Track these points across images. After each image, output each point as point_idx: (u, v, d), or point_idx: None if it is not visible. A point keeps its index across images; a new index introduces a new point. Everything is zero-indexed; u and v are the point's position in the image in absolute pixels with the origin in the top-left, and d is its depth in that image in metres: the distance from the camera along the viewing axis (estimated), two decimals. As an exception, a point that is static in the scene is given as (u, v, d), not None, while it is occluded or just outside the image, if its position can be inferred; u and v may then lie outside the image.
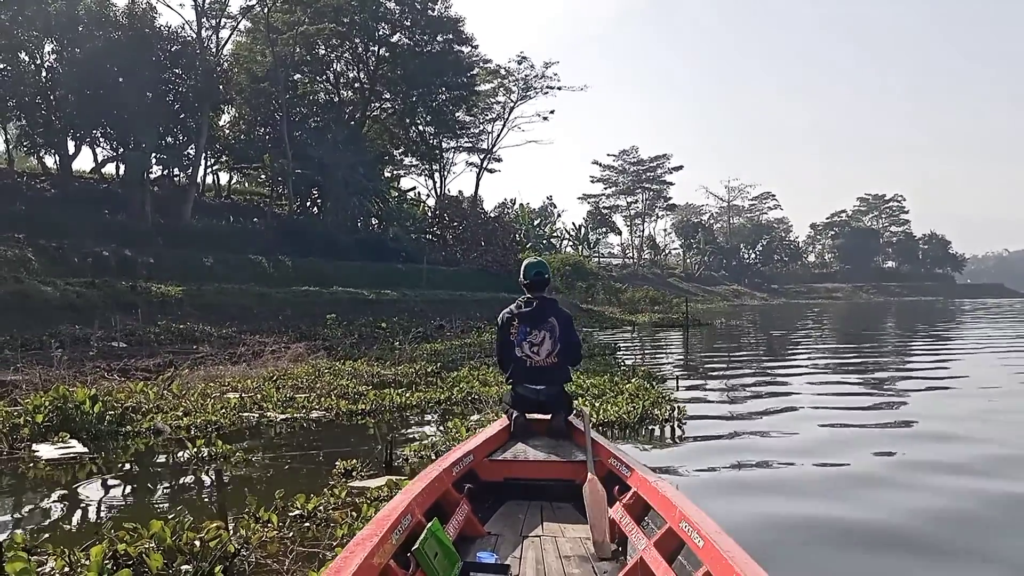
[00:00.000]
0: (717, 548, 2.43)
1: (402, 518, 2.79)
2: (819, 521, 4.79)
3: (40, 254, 21.96)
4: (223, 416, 7.91)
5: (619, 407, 8.06)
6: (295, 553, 4.01)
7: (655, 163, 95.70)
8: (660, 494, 3.15)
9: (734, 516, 4.58)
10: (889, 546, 4.36)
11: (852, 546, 4.38)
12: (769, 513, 4.95)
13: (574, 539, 3.42)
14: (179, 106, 32.67)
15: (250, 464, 6.34)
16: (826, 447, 6.99)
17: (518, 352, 4.39)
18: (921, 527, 4.68)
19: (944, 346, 20.16)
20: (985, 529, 4.70)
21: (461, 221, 47.92)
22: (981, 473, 6.02)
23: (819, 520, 4.81)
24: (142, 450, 6.89)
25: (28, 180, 32.24)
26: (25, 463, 6.25)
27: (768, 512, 4.97)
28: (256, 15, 38.42)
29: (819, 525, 4.72)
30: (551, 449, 4.09)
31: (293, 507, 4.66)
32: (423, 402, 9.31)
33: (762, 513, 4.92)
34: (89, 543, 3.82)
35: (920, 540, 4.47)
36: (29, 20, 27.99)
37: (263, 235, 35.13)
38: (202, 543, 3.80)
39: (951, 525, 4.75)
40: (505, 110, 55.16)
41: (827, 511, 5.00)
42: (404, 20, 43.87)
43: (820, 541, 4.45)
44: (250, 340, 15.77)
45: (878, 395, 10.66)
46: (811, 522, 4.77)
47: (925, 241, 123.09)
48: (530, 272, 4.49)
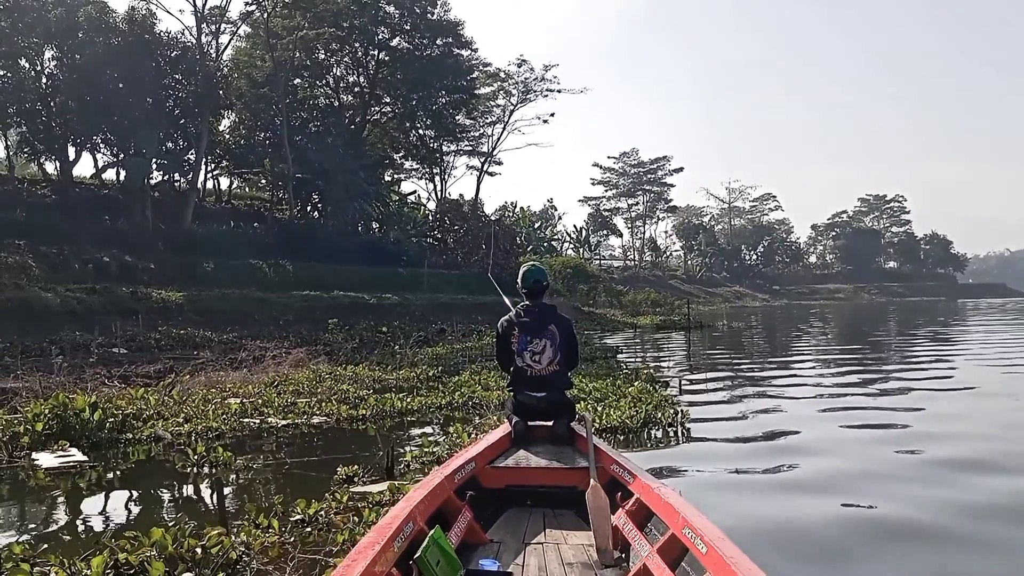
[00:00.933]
0: (720, 555, 2.40)
1: (404, 526, 2.77)
2: (819, 522, 4.76)
3: (41, 261, 21.96)
4: (224, 422, 7.88)
5: (622, 411, 8.03)
6: (296, 559, 3.98)
7: (656, 165, 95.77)
8: (663, 500, 3.13)
9: (738, 520, 4.56)
10: (902, 543, 4.33)
11: (859, 546, 4.35)
12: (770, 515, 4.92)
13: (577, 546, 3.40)
14: (179, 112, 32.71)
15: (251, 470, 6.32)
16: (827, 449, 6.96)
17: (519, 362, 4.34)
18: (937, 523, 4.67)
19: (946, 346, 20.12)
20: (994, 523, 4.68)
21: (462, 224, 47.92)
22: (992, 470, 6.05)
23: (819, 521, 4.78)
24: (143, 458, 6.87)
25: (28, 187, 32.27)
26: (25, 472, 6.23)
27: (769, 514, 4.94)
28: (256, 20, 38.45)
29: (819, 526, 4.69)
30: (553, 456, 4.07)
31: (294, 512, 4.64)
32: (424, 407, 9.28)
33: (764, 515, 4.90)
34: (90, 552, 3.80)
35: (937, 535, 4.44)
36: (29, 27, 28.03)
37: (264, 240, 35.14)
38: (204, 550, 3.78)
39: (966, 521, 4.74)
40: (505, 113, 55.19)
41: (827, 513, 4.97)
42: (403, 24, 43.90)
43: (822, 542, 4.43)
44: (251, 345, 15.75)
45: (882, 395, 10.62)
46: (811, 523, 4.75)
47: (927, 241, 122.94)
48: (528, 279, 4.42)
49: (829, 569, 4.14)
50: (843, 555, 4.29)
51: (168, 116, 31.84)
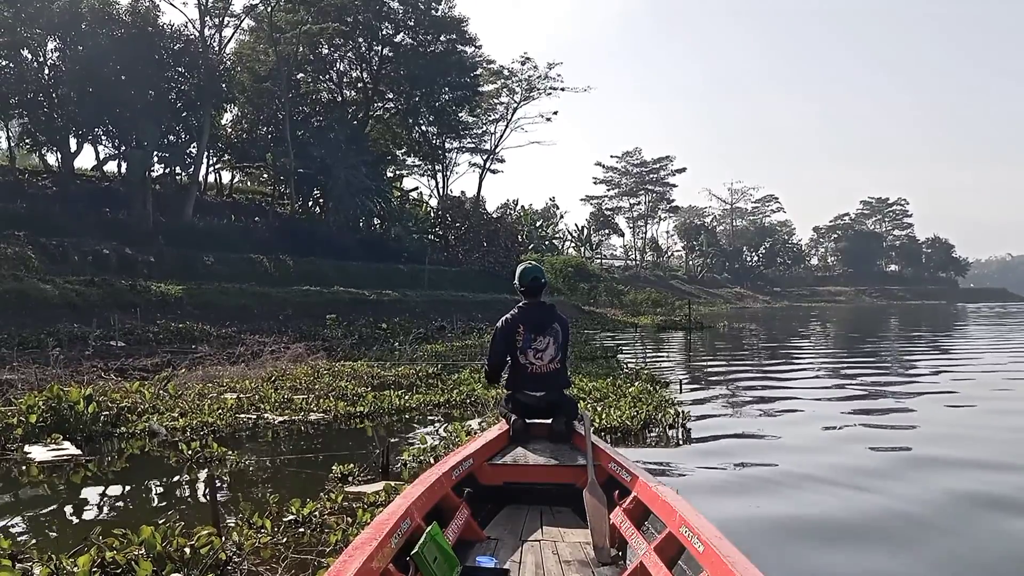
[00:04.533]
0: (717, 553, 2.41)
1: (401, 522, 2.77)
2: (819, 524, 4.73)
3: (40, 252, 21.92)
4: (219, 418, 7.80)
5: (622, 411, 7.95)
6: (288, 560, 3.91)
7: (658, 165, 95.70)
8: (660, 499, 3.14)
9: (736, 521, 4.51)
10: (898, 546, 4.26)
11: (858, 549, 4.28)
12: (771, 516, 4.88)
13: (574, 544, 3.41)
14: (181, 104, 32.67)
15: (245, 467, 6.24)
16: (829, 450, 6.90)
17: (521, 359, 4.31)
18: (935, 526, 4.61)
19: (947, 349, 20.04)
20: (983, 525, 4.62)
21: (463, 222, 47.89)
22: (986, 469, 6.06)
23: (819, 522, 4.76)
24: (137, 452, 6.79)
25: (29, 178, 32.25)
26: (17, 465, 6.15)
27: (770, 515, 4.91)
28: (259, 14, 38.40)
29: (820, 527, 4.66)
30: (551, 453, 4.06)
31: (288, 512, 4.56)
32: (423, 404, 9.21)
33: (765, 517, 4.86)
34: (77, 550, 3.72)
35: (933, 539, 4.37)
36: (32, 17, 27.98)
37: (264, 234, 35.10)
38: (193, 550, 3.70)
39: (961, 525, 4.69)
40: (508, 111, 55.11)
41: (828, 513, 4.93)
42: (408, 20, 43.84)
43: (822, 544, 4.37)
44: (249, 340, 15.68)
45: (882, 397, 10.55)
46: (812, 525, 4.72)
47: (928, 245, 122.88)
48: (526, 277, 4.40)
49: (829, 569, 4.09)
50: (843, 554, 4.23)
51: (170, 109, 31.79)
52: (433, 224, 48.39)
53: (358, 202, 40.30)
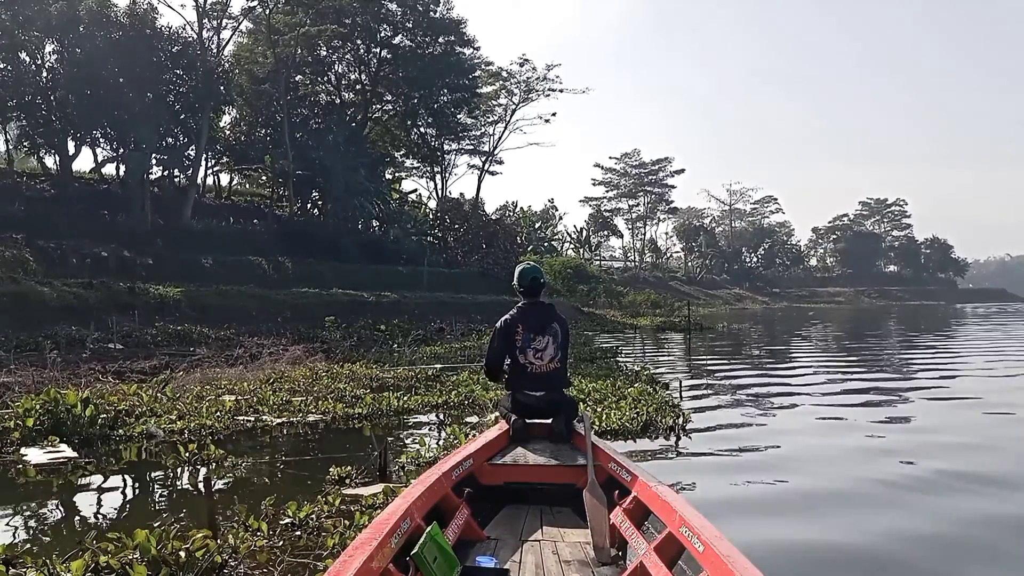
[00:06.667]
0: (717, 553, 2.41)
1: (401, 522, 2.77)
2: (820, 524, 4.71)
3: (38, 255, 21.88)
4: (217, 420, 7.77)
5: (622, 413, 7.92)
6: (284, 564, 3.88)
7: (657, 166, 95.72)
8: (660, 499, 3.13)
9: (736, 522, 4.49)
10: (901, 542, 4.23)
11: (855, 555, 4.26)
12: (772, 516, 4.87)
13: (574, 544, 3.40)
14: (180, 107, 32.63)
15: (243, 470, 6.21)
16: (830, 451, 6.89)
17: (521, 359, 4.29)
18: (937, 537, 4.57)
19: (947, 351, 20.02)
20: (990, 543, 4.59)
21: (462, 223, 47.87)
22: (988, 482, 5.92)
23: (820, 522, 4.74)
24: (134, 455, 6.75)
25: (28, 180, 32.22)
26: (14, 468, 6.11)
27: (771, 515, 4.89)
28: (257, 16, 38.37)
29: (820, 528, 4.63)
30: (551, 453, 4.05)
31: (284, 515, 4.53)
32: (421, 406, 9.17)
33: (765, 516, 4.85)
34: (71, 554, 3.68)
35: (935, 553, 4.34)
36: (30, 20, 27.94)
37: (263, 237, 35.06)
38: (188, 553, 3.66)
39: (965, 537, 4.64)
40: (507, 112, 55.13)
41: (828, 515, 4.92)
42: (406, 22, 43.83)
43: (822, 545, 4.35)
44: (248, 342, 15.65)
45: (882, 399, 10.52)
46: (812, 526, 4.70)
47: (927, 246, 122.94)
48: (525, 277, 4.39)
49: (829, 569, 4.10)
50: (841, 555, 4.23)
51: (168, 111, 31.75)
52: (432, 226, 48.33)
53: (357, 204, 40.26)
